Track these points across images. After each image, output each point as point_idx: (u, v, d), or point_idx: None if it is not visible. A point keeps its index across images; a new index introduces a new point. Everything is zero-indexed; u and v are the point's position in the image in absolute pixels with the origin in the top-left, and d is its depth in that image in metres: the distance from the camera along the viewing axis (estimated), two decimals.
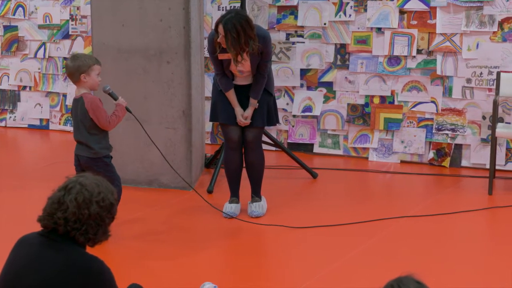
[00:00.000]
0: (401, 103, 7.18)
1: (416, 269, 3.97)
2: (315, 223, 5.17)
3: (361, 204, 5.78)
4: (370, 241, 4.81)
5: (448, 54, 6.95)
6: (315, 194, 6.10)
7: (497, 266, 4.42)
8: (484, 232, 5.30)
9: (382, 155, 7.27)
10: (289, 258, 4.57)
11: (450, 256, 4.57)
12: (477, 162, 6.90)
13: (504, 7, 6.69)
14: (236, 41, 4.97)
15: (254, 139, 5.33)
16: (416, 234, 4.97)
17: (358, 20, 7.27)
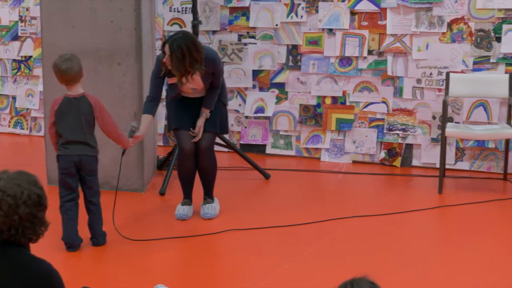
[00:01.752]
0: (352, 103, 7.23)
1: (368, 268, 3.99)
2: (268, 223, 5.17)
3: (314, 204, 5.80)
4: (322, 241, 4.83)
5: (399, 55, 7.02)
6: (267, 195, 6.10)
7: (448, 263, 4.47)
8: (435, 230, 5.35)
9: (334, 155, 7.31)
10: (242, 259, 4.57)
11: (402, 255, 4.61)
12: (428, 162, 6.98)
13: (452, 8, 6.78)
14: (180, 63, 4.93)
15: (207, 145, 5.31)
16: (368, 234, 5.01)
17: (309, 21, 7.31)
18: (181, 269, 4.56)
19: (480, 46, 6.74)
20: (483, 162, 6.83)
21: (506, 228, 5.29)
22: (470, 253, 4.62)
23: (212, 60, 5.14)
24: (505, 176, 6.55)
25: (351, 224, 5.21)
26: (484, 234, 5.04)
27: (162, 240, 4.85)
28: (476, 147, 6.83)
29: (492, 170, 6.79)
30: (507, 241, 4.96)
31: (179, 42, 4.93)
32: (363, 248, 4.72)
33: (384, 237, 4.96)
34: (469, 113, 6.82)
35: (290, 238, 4.90)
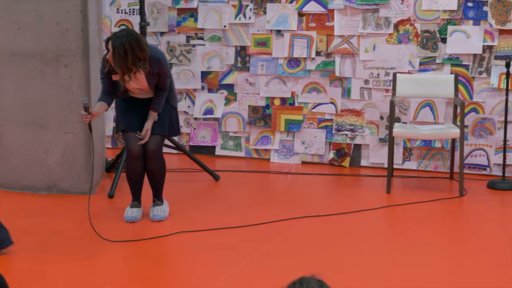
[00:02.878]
0: (301, 104, 7.26)
1: (318, 268, 4.01)
2: (218, 225, 5.16)
3: (264, 205, 5.81)
4: (273, 241, 4.84)
5: (346, 56, 7.07)
6: (217, 197, 6.10)
7: (397, 262, 4.51)
8: (384, 229, 5.40)
9: (284, 156, 7.34)
10: (193, 261, 4.55)
11: (351, 254, 4.65)
12: (376, 162, 7.05)
13: (399, 9, 6.86)
14: (123, 60, 4.89)
15: (155, 148, 5.28)
16: (318, 234, 5.03)
17: (258, 23, 7.32)
18: (130, 272, 4.52)
19: (426, 47, 6.82)
20: (430, 161, 6.91)
21: (452, 225, 5.37)
22: (418, 251, 4.67)
23: (157, 60, 5.11)
24: (451, 175, 6.64)
25: (301, 225, 5.23)
26: (431, 232, 5.10)
27: (110, 243, 4.81)
28: (423, 146, 6.92)
29: (438, 169, 6.88)
30: (453, 238, 5.03)
31: (122, 39, 4.89)
32: (313, 248, 4.74)
33: (334, 236, 4.99)
34: (416, 113, 6.90)
35: (240, 239, 4.90)
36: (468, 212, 5.70)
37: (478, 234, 5.07)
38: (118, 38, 4.90)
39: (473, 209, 5.73)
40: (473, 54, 6.70)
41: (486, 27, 6.63)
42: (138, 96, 5.30)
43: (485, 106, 6.71)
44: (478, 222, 5.38)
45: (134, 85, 5.17)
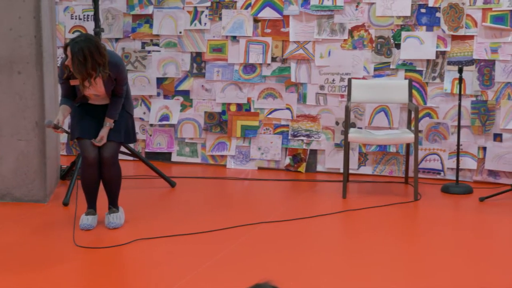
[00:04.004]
0: (257, 110, 7.28)
1: (275, 274, 4.02)
2: (174, 232, 5.14)
3: (220, 211, 5.80)
4: (229, 247, 4.84)
5: (302, 62, 7.10)
6: (174, 203, 6.07)
7: (353, 265, 4.54)
8: (340, 234, 5.42)
9: (240, 162, 7.34)
10: (149, 268, 4.52)
11: (308, 260, 4.66)
12: (332, 167, 7.09)
13: (353, 15, 6.91)
14: (82, 66, 4.85)
15: (111, 155, 5.23)
16: (275, 239, 5.04)
17: (213, 29, 7.32)
18: (89, 280, 4.47)
19: (380, 53, 6.88)
20: (385, 166, 6.97)
21: (407, 229, 5.41)
22: (374, 254, 4.70)
23: (116, 65, 5.08)
24: (406, 179, 6.70)
25: (257, 230, 5.23)
26: (387, 236, 5.14)
27: (66, 251, 4.76)
28: (378, 151, 6.97)
29: (394, 174, 6.94)
30: (408, 241, 5.07)
31: (81, 45, 4.85)
32: (270, 253, 4.74)
33: (290, 242, 5.00)
34: (371, 118, 6.96)
35: (197, 246, 4.88)
36: (422, 216, 5.76)
37: (432, 237, 5.12)
38: (77, 43, 4.86)
39: (427, 213, 5.78)
40: (427, 59, 6.78)
41: (439, 33, 6.71)
42: (94, 102, 5.26)
43: (439, 111, 6.79)
44: (432, 226, 5.43)
45: (92, 91, 5.13)
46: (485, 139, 6.69)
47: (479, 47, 6.63)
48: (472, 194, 6.32)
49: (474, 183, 6.64)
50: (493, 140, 6.67)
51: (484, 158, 6.70)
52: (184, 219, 5.53)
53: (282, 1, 7.10)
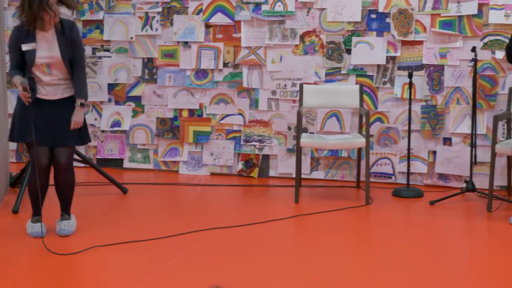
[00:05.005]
0: (209, 116, 7.27)
1: (228, 279, 4.01)
2: (127, 238, 5.10)
3: (173, 217, 5.78)
4: (182, 254, 4.82)
5: (254, 67, 7.12)
6: (126, 210, 6.02)
7: (306, 269, 4.55)
8: (292, 239, 5.44)
9: (192, 167, 7.32)
10: (101, 275, 4.48)
11: (260, 265, 4.66)
12: (284, 172, 7.11)
13: (304, 21, 6.95)
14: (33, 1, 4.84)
15: (67, 161, 5.15)
16: (228, 245, 5.03)
17: (165, 34, 7.30)
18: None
19: (331, 58, 6.93)
20: (337, 171, 7.01)
21: (359, 233, 5.45)
22: (326, 258, 4.72)
23: (69, 23, 5.04)
24: (358, 184, 6.75)
25: (210, 236, 5.22)
26: (339, 240, 5.17)
27: (16, 260, 4.69)
28: (330, 156, 7.01)
29: (345, 178, 6.99)
30: (360, 245, 5.11)
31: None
32: (223, 259, 4.73)
33: (243, 247, 4.99)
34: (323, 123, 6.99)
35: (149, 253, 4.85)
36: (374, 220, 5.80)
37: (383, 241, 5.17)
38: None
39: (379, 216, 5.83)
40: (377, 64, 6.84)
41: (389, 38, 6.78)
42: (45, 95, 5.08)
43: (390, 116, 6.86)
44: (383, 229, 5.48)
45: (45, 52, 4.99)
46: (435, 143, 6.78)
47: (428, 52, 6.71)
48: (423, 198, 6.40)
49: (424, 187, 6.72)
50: (442, 144, 6.76)
51: (434, 162, 6.78)
52: (137, 225, 5.49)
53: (233, 7, 7.11)
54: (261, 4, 7.04)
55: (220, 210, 6.05)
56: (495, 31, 6.53)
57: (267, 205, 6.22)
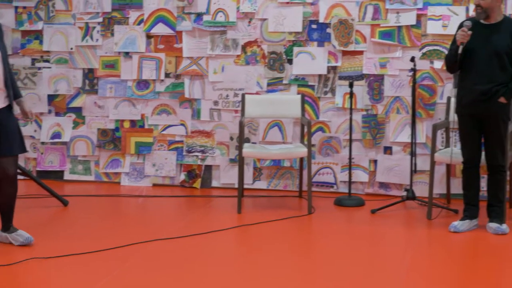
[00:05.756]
0: (151, 126, 7.23)
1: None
2: (67, 251, 5.03)
3: (115, 229, 5.72)
4: (124, 265, 4.77)
5: (195, 78, 7.11)
6: (67, 222, 5.94)
7: (249, 280, 4.55)
8: (235, 249, 5.43)
9: (134, 179, 7.27)
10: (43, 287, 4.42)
11: (203, 275, 4.64)
12: (227, 182, 7.10)
13: (246, 31, 6.97)
14: None
15: (15, 170, 5.08)
16: (171, 256, 5.00)
17: (105, 45, 7.25)
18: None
19: (273, 68, 6.96)
20: (279, 180, 7.03)
21: (301, 242, 5.47)
22: (270, 268, 4.72)
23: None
24: (300, 193, 6.78)
25: (152, 248, 5.18)
26: (281, 249, 5.18)
27: None
28: (273, 166, 7.03)
29: (288, 188, 7.01)
30: (302, 254, 5.13)
31: None
32: (166, 270, 4.70)
33: (186, 258, 4.97)
34: (265, 133, 7.01)
35: (91, 265, 4.79)
36: (316, 229, 5.83)
37: (325, 249, 5.20)
38: None
39: (321, 226, 5.86)
40: (318, 74, 6.89)
41: (330, 48, 6.84)
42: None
43: (331, 125, 6.91)
44: (325, 238, 5.51)
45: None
46: (376, 152, 6.85)
47: (369, 62, 6.79)
48: (364, 206, 6.45)
49: (366, 196, 6.78)
50: (383, 153, 6.83)
51: (375, 171, 6.85)
52: (77, 238, 5.42)
53: (174, 17, 7.10)
54: (202, 15, 7.04)
55: (162, 221, 6.01)
56: (433, 41, 6.64)
57: (210, 215, 6.21)
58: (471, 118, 5.56)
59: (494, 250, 5.21)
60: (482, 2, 5.42)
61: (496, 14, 5.48)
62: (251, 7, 6.95)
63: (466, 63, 5.52)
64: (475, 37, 5.43)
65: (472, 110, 5.54)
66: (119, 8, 7.20)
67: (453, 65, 5.59)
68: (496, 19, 5.49)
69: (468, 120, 5.58)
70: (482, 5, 5.42)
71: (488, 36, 5.45)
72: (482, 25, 5.50)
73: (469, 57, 5.48)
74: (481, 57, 5.44)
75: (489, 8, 5.43)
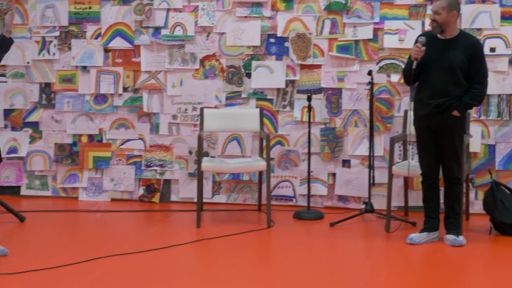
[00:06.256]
0: (109, 141, 7.19)
1: None
2: (25, 268, 4.96)
3: (73, 245, 5.66)
4: (82, 281, 4.73)
5: (154, 92, 7.08)
6: (23, 238, 5.87)
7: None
8: (194, 263, 5.41)
9: (93, 194, 7.21)
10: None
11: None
12: (186, 196, 7.08)
13: (204, 45, 6.97)
14: None
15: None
16: (129, 271, 4.97)
17: (62, 59, 7.20)
18: None
19: (231, 82, 6.97)
20: (238, 194, 7.03)
21: (261, 256, 5.48)
22: (229, 282, 4.72)
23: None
24: (260, 207, 6.79)
25: (111, 263, 5.14)
26: (241, 263, 5.17)
27: None
28: (232, 180, 7.02)
29: (247, 202, 7.01)
30: (262, 268, 5.13)
31: None
32: (123, 286, 4.67)
33: (145, 273, 4.94)
34: (224, 147, 7.01)
35: (49, 281, 4.74)
36: (275, 243, 5.84)
37: (285, 263, 5.20)
38: None
39: (280, 239, 5.87)
40: (277, 88, 6.91)
41: (288, 62, 6.87)
42: None
43: (290, 139, 6.93)
44: (285, 251, 5.52)
45: None
46: (335, 165, 6.88)
47: (327, 75, 6.83)
48: (323, 220, 6.47)
49: (325, 209, 6.80)
50: (342, 166, 6.87)
51: (334, 184, 6.88)
52: (34, 254, 5.35)
53: (132, 31, 7.07)
54: (160, 29, 7.03)
55: (121, 236, 5.97)
56: (390, 55, 6.70)
57: (169, 230, 6.18)
58: (427, 130, 5.63)
59: (451, 262, 5.26)
60: (438, 17, 5.49)
61: (452, 29, 5.56)
62: (209, 21, 6.96)
63: (422, 77, 5.61)
64: (431, 51, 5.51)
65: (428, 123, 5.61)
66: (76, 22, 7.16)
67: (409, 79, 5.67)
68: (452, 33, 5.56)
69: (425, 132, 5.65)
70: (437, 20, 5.50)
71: (443, 50, 5.53)
72: (438, 40, 5.58)
73: (425, 71, 5.56)
74: (436, 71, 5.53)
75: (444, 23, 5.50)
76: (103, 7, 7.14)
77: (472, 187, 6.56)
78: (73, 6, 7.13)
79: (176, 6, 7.02)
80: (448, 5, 5.47)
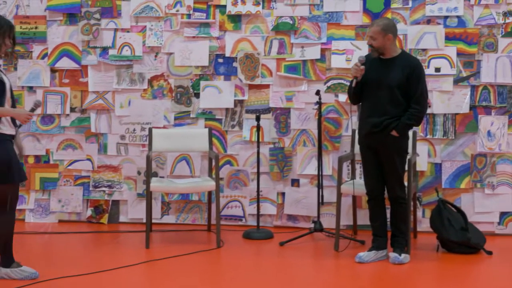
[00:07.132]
0: (56, 161, 7.11)
1: None
2: None
3: None
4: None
5: (102, 112, 7.04)
6: None
7: None
8: (143, 285, 5.36)
9: (39, 215, 7.12)
10: None
11: None
12: (135, 217, 7.03)
13: (152, 65, 6.96)
14: None
15: None
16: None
17: (9, 79, 7.08)
18: None
19: (180, 102, 6.96)
20: (188, 214, 7.01)
21: (210, 276, 5.46)
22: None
23: None
24: (209, 227, 6.77)
25: (59, 286, 5.07)
26: (191, 284, 5.15)
27: None
28: (181, 200, 7.00)
29: (197, 222, 6.99)
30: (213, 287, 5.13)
31: None
32: None
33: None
34: (173, 167, 6.99)
35: None
36: (225, 263, 5.82)
37: (234, 282, 5.19)
38: None
39: (230, 259, 5.86)
40: (225, 108, 6.93)
41: (236, 82, 6.89)
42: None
43: (239, 158, 6.94)
44: (234, 271, 5.51)
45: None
46: (284, 185, 6.90)
47: (275, 95, 6.87)
48: (273, 239, 6.49)
49: (274, 228, 6.82)
50: (291, 185, 6.90)
51: (283, 203, 6.90)
52: None
53: (79, 51, 7.03)
54: (108, 49, 7.00)
55: (69, 258, 5.90)
56: (337, 75, 6.77)
57: (118, 251, 6.12)
58: (368, 149, 5.71)
59: (399, 280, 5.31)
60: (374, 42, 5.62)
61: (391, 50, 5.65)
62: (157, 41, 6.96)
63: (364, 96, 5.71)
64: (372, 71, 5.62)
65: (368, 142, 5.69)
66: (22, 42, 7.09)
67: (352, 97, 5.78)
68: (392, 54, 5.66)
69: (367, 151, 5.73)
70: (373, 45, 5.63)
71: (382, 70, 5.63)
72: (379, 60, 5.68)
73: (366, 90, 5.66)
74: (375, 91, 5.62)
75: (381, 47, 5.62)
76: (49, 27, 7.09)
77: (420, 205, 6.64)
78: (19, 26, 7.06)
79: (124, 26, 7.01)
80: (383, 30, 5.58)
